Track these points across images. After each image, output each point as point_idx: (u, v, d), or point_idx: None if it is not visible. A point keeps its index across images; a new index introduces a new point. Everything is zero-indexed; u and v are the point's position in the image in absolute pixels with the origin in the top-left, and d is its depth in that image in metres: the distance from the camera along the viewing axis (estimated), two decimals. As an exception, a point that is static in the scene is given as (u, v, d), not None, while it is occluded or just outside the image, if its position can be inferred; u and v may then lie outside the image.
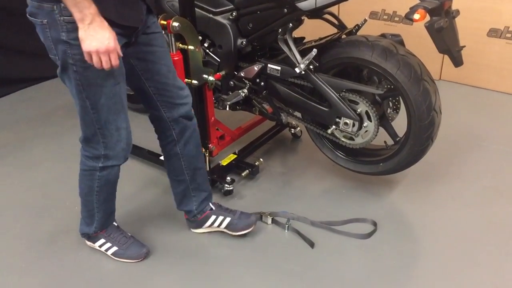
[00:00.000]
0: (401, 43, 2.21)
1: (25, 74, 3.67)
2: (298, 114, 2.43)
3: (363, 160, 2.37)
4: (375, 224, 2.18)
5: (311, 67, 2.17)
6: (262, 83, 2.36)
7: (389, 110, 2.33)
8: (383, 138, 2.35)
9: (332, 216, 2.24)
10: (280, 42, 2.20)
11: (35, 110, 3.39)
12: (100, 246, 2.05)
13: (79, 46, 1.47)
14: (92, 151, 1.78)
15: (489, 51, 3.36)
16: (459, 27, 2.02)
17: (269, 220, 2.20)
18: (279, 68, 2.29)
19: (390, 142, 2.35)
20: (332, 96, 2.16)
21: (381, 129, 2.28)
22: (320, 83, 2.17)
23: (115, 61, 1.49)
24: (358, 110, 2.17)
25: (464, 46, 2.02)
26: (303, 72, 2.16)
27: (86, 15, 1.40)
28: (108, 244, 2.03)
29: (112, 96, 1.66)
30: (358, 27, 2.29)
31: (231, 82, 2.44)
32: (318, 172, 2.58)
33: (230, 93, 2.44)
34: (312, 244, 2.08)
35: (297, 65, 2.15)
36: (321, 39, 2.30)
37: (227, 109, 2.49)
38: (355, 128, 2.19)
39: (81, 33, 1.43)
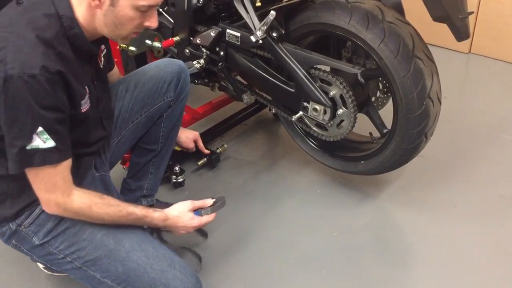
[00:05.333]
0: (398, 6, 1.69)
1: None
2: (267, 95, 1.95)
3: (342, 155, 1.89)
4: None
5: (274, 34, 1.69)
6: (222, 53, 1.90)
7: (378, 94, 1.83)
8: (369, 128, 1.87)
9: (295, 226, 1.81)
10: (236, 0, 1.72)
11: None
12: None
13: (56, 237, 1.30)
14: None
15: (533, 20, 2.72)
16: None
17: None
18: (239, 34, 1.81)
19: (377, 134, 1.86)
20: (298, 73, 1.68)
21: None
22: (283, 55, 1.69)
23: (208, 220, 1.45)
24: (331, 94, 1.68)
25: (472, 13, 1.47)
26: (260, 41, 1.68)
27: (158, 224, 1.39)
28: None
29: (127, 255, 1.31)
30: None
31: (187, 50, 1.99)
32: (294, 164, 2.10)
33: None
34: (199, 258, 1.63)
35: (253, 31, 1.67)
36: (298, -3, 1.79)
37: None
38: (327, 116, 1.70)
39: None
